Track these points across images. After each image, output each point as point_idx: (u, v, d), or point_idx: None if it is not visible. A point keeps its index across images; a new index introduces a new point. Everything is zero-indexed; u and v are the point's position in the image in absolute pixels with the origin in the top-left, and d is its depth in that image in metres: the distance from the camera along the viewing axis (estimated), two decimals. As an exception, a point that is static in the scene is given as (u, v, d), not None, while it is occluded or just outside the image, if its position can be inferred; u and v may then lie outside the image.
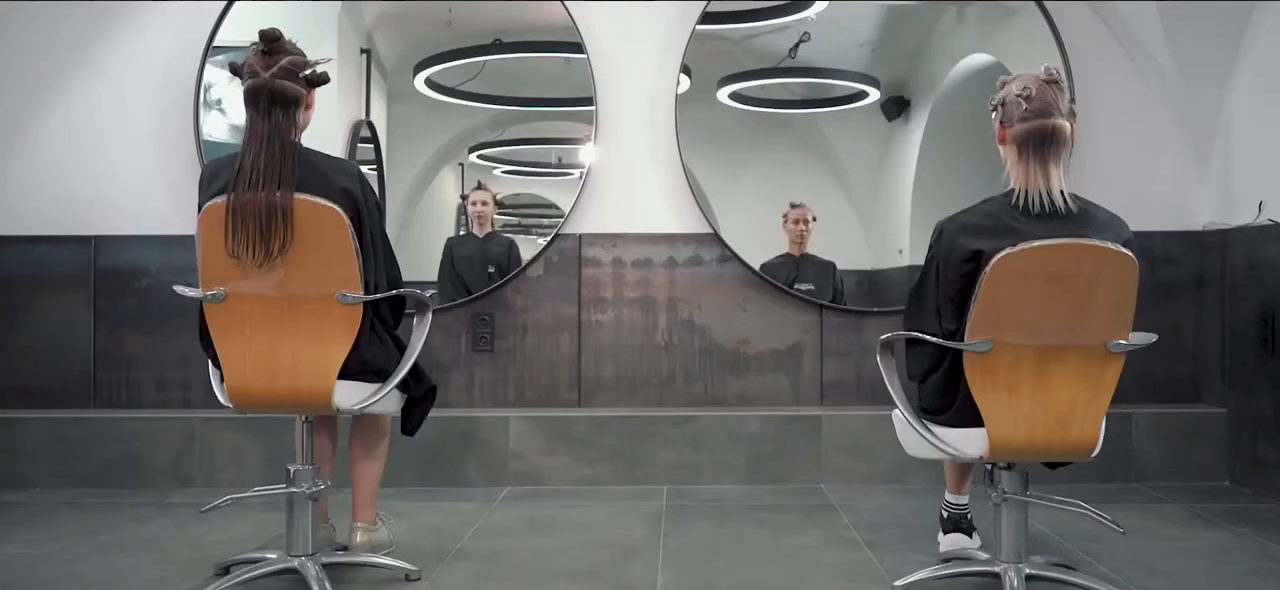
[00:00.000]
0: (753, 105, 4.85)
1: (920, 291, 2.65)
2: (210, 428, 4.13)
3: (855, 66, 4.91)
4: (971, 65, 4.71)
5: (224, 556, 2.95)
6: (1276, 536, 3.31)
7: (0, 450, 4.09)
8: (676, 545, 3.24)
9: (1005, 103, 2.55)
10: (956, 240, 2.50)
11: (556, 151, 5.03)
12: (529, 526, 3.48)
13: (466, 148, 4.88)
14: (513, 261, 4.60)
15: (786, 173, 4.98)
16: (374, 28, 4.87)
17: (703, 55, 4.49)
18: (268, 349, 2.57)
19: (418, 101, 4.78)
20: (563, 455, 4.14)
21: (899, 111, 4.88)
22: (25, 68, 4.36)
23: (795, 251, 4.60)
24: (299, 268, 2.53)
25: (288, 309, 2.56)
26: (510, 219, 5.03)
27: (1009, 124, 2.54)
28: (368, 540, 2.95)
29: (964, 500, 3.03)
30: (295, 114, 2.61)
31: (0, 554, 3.13)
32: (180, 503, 3.87)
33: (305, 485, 2.71)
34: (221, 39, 4.47)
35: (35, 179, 4.35)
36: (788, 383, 4.38)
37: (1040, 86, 2.50)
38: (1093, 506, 2.72)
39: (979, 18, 4.62)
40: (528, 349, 4.39)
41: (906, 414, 2.63)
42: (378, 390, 2.69)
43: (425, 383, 2.92)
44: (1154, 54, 4.23)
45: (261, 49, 2.60)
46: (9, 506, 3.79)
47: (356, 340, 2.60)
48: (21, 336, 4.33)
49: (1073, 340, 2.44)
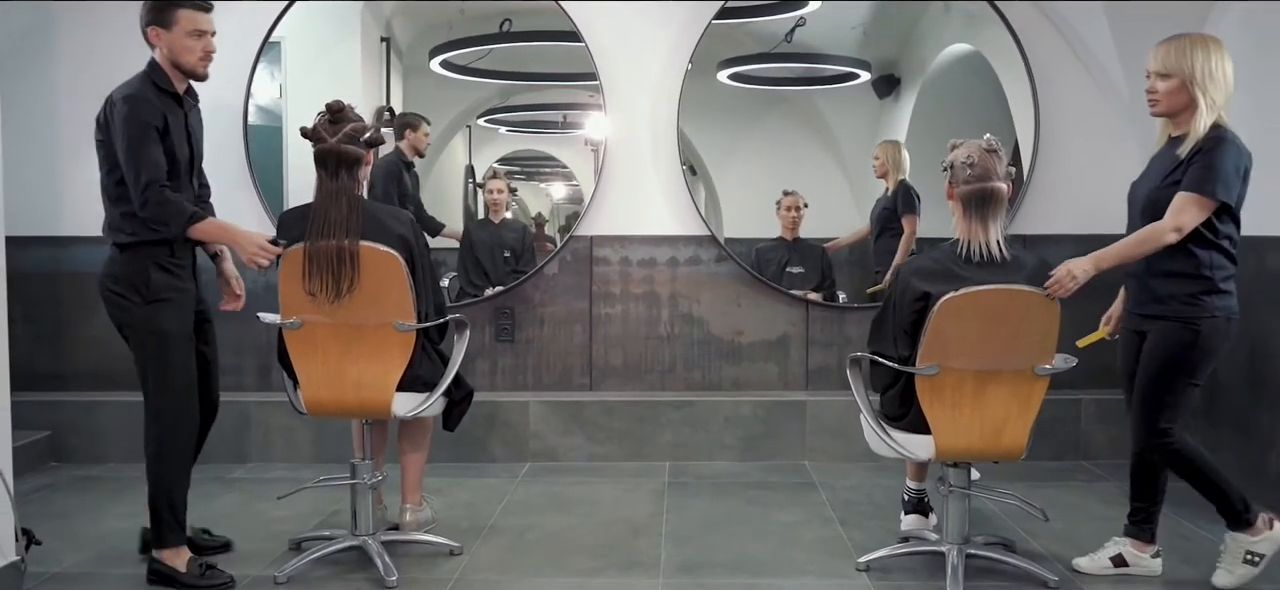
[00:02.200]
0: (751, 84, 5.29)
1: (881, 321, 3.14)
2: (264, 410, 4.66)
3: (848, 48, 5.35)
4: (957, 51, 5.13)
5: (294, 533, 3.50)
6: (1189, 514, 3.84)
7: (80, 429, 4.64)
8: (677, 522, 3.79)
9: (953, 166, 3.03)
10: (910, 282, 3.00)
11: (562, 113, 5.50)
12: (549, 503, 4.02)
13: (475, 114, 5.37)
14: (526, 246, 5.11)
15: (783, 147, 5.46)
16: (392, 16, 5.31)
17: (704, 38, 4.85)
18: (337, 368, 3.10)
19: (431, 78, 5.21)
20: (577, 435, 4.68)
21: (890, 89, 5.33)
22: (94, 77, 4.78)
23: (788, 236, 5.08)
24: (363, 301, 3.04)
25: (354, 335, 3.08)
26: (515, 169, 5.58)
27: (956, 184, 3.02)
28: (415, 519, 3.49)
29: (923, 485, 3.57)
30: (357, 171, 3.10)
31: (102, 528, 3.68)
32: (241, 478, 4.41)
33: (367, 477, 3.24)
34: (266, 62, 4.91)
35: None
36: (777, 370, 4.90)
37: (981, 154, 2.99)
38: (1025, 497, 3.27)
39: (963, 11, 5.00)
40: (545, 339, 4.91)
41: (869, 420, 3.14)
42: (426, 398, 3.21)
43: (464, 387, 3.43)
44: (1110, 74, 4.67)
45: (328, 118, 3.09)
46: (94, 480, 4.34)
47: (410, 360, 3.11)
48: (93, 327, 4.82)
49: (1006, 365, 2.96)
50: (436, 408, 3.33)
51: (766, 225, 5.19)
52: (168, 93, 3.07)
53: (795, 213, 5.09)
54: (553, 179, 5.71)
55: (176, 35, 3.03)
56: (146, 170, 2.96)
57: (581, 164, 5.43)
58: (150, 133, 2.98)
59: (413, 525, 3.47)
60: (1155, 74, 3.01)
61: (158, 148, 2.99)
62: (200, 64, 3.08)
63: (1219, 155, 2.88)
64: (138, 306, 3.09)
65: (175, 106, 3.09)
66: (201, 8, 3.06)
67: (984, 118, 5.05)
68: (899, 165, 5.02)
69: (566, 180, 5.64)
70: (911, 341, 3.00)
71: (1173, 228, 2.90)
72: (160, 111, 3.01)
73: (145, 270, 3.08)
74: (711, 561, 3.35)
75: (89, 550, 3.44)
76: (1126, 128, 4.72)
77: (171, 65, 3.08)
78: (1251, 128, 4.20)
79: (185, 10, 3.02)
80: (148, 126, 2.98)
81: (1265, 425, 3.94)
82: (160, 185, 2.98)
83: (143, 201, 2.98)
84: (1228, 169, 2.88)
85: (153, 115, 2.99)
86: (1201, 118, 2.92)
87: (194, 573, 3.10)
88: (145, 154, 2.97)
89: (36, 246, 4.74)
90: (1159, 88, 3.00)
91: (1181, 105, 2.98)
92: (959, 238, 3.03)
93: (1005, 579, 3.18)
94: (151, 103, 3.00)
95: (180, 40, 3.03)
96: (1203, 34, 3.05)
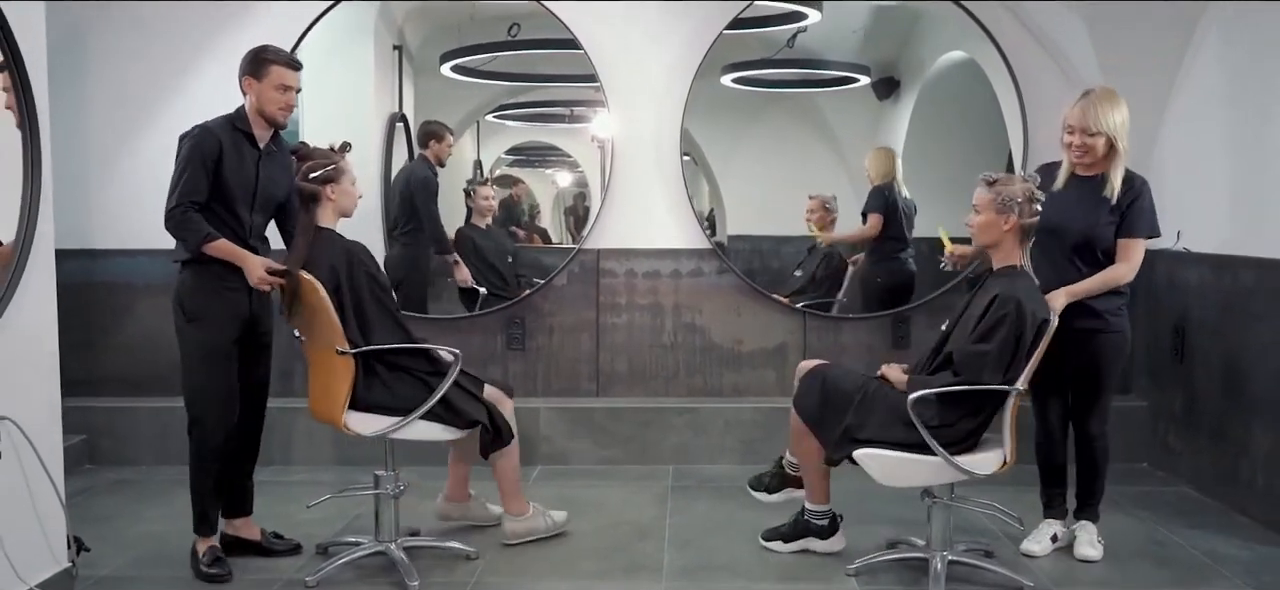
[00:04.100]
0: (754, 86, 5.50)
1: (995, 353, 3.16)
2: (285, 415, 4.87)
3: (849, 51, 5.54)
4: (954, 58, 5.31)
5: (321, 537, 3.73)
6: (1168, 520, 4.07)
7: (111, 432, 4.88)
8: (680, 525, 4.02)
9: (1014, 200, 3.25)
10: (1035, 312, 3.19)
11: (569, 108, 5.71)
12: (559, 505, 4.21)
13: (484, 112, 5.62)
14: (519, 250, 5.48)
15: (785, 146, 5.66)
16: (404, 22, 5.50)
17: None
18: (315, 381, 3.46)
19: (440, 81, 5.43)
20: (584, 439, 4.91)
21: (889, 92, 5.53)
22: (123, 93, 5.02)
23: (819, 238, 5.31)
24: (309, 326, 3.39)
25: (318, 355, 3.41)
26: (520, 159, 5.88)
27: (1022, 217, 3.27)
28: (512, 527, 3.74)
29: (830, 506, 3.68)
30: (314, 206, 3.40)
31: (139, 531, 3.93)
32: (266, 480, 4.56)
33: (389, 487, 3.48)
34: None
35: (132, 195, 4.99)
36: (775, 376, 5.12)
37: (1034, 191, 3.28)
38: (1009, 502, 3.52)
39: (959, 18, 5.08)
40: (554, 347, 5.13)
41: (946, 456, 3.18)
42: (398, 423, 3.37)
43: (495, 423, 3.54)
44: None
45: (297, 161, 3.44)
46: (128, 483, 4.59)
47: (358, 383, 3.34)
48: (122, 335, 5.08)
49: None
50: (417, 433, 3.43)
51: (768, 223, 5.41)
52: (243, 132, 3.42)
53: (819, 214, 5.29)
54: (559, 168, 5.95)
55: (266, 87, 3.39)
56: (180, 192, 3.30)
57: (588, 156, 5.66)
58: (197, 161, 3.31)
59: (510, 534, 3.74)
60: (1083, 131, 3.41)
61: (201, 176, 3.30)
62: (280, 114, 3.44)
63: (1147, 199, 3.49)
64: (181, 320, 3.43)
65: (248, 145, 3.43)
66: (291, 66, 3.44)
67: (980, 124, 5.26)
68: (884, 174, 5.20)
69: (572, 169, 5.90)
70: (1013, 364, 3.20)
71: (1132, 270, 3.48)
72: (219, 144, 3.34)
73: (189, 288, 3.41)
74: (710, 566, 3.59)
75: (130, 553, 3.68)
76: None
77: (256, 112, 3.43)
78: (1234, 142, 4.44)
79: (277, 67, 3.40)
80: (197, 155, 3.31)
81: (1238, 433, 4.15)
82: (185, 207, 3.30)
83: (168, 217, 3.33)
84: (1152, 208, 3.52)
85: (209, 146, 3.32)
86: (1121, 164, 3.45)
87: (205, 560, 3.45)
88: (185, 179, 3.30)
89: (67, 259, 4.93)
90: (1089, 144, 3.43)
91: (1103, 154, 3.46)
92: (1018, 264, 3.30)
93: (985, 585, 3.41)
94: (213, 135, 3.35)
95: (268, 91, 3.39)
96: (1110, 89, 3.50)
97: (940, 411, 3.20)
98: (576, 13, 4.95)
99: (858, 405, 3.33)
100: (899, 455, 3.24)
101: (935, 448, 3.16)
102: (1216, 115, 4.43)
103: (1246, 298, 4.11)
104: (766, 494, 3.79)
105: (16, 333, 3.08)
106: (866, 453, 3.27)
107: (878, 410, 3.30)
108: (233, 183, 3.37)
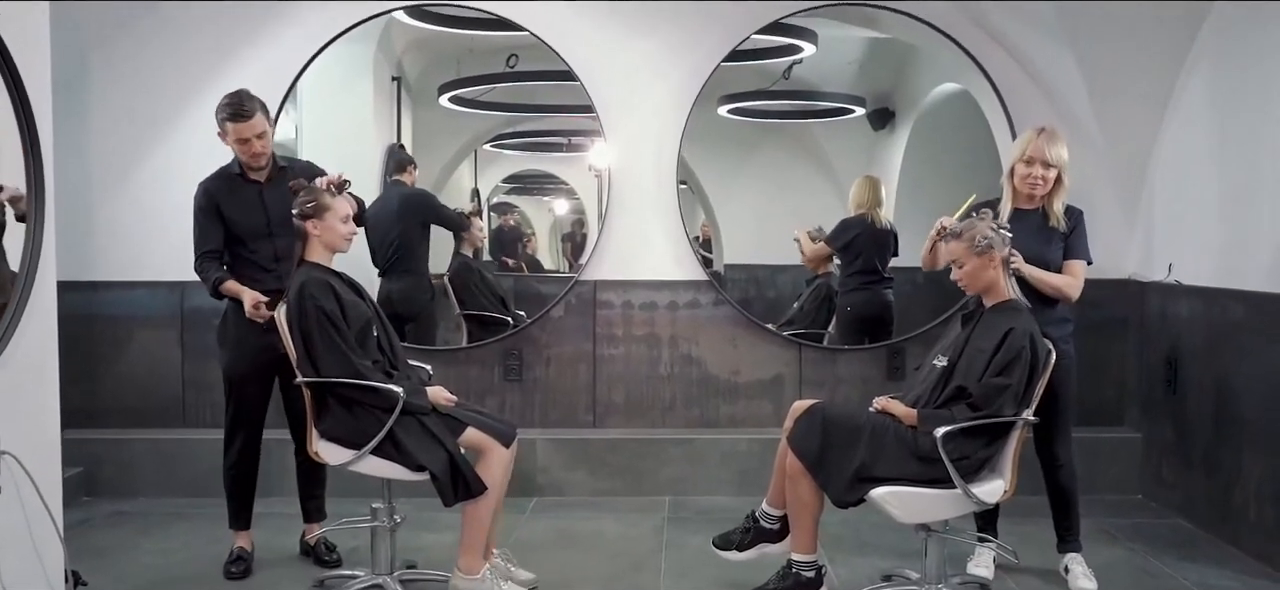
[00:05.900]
0: (750, 118, 5.60)
1: (1014, 386, 3.24)
2: (280, 448, 4.87)
3: (844, 83, 5.61)
4: (948, 90, 5.38)
5: (316, 572, 3.74)
6: (1160, 553, 4.09)
7: (111, 462, 4.89)
8: (676, 558, 4.03)
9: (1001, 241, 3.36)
10: (1042, 343, 3.31)
11: (567, 137, 5.80)
12: (557, 538, 4.26)
13: (482, 141, 5.75)
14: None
15: (781, 176, 5.72)
16: (403, 54, 5.56)
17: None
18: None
19: (439, 112, 5.52)
20: (581, 470, 4.93)
21: (884, 122, 5.59)
22: (123, 126, 5.05)
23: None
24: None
25: None
26: (518, 187, 6.01)
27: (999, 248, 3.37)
28: (455, 584, 3.44)
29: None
30: (304, 244, 3.46)
31: (139, 563, 3.94)
32: (261, 512, 4.61)
33: (384, 520, 3.49)
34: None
35: (131, 231, 5.06)
36: (771, 408, 5.14)
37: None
38: (1005, 529, 3.54)
39: (953, 52, 5.11)
40: (551, 378, 5.16)
41: (967, 489, 3.23)
42: (354, 455, 3.36)
43: (447, 468, 3.31)
44: (1087, 129, 4.92)
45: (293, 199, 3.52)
46: (126, 515, 4.59)
47: (321, 413, 3.40)
48: (123, 366, 5.10)
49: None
50: (372, 469, 3.39)
51: (764, 252, 5.45)
52: (236, 175, 3.80)
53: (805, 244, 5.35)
54: (557, 196, 6.00)
55: (230, 141, 3.75)
56: (196, 245, 3.81)
57: (585, 185, 5.78)
58: (199, 215, 3.80)
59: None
60: (1043, 164, 3.59)
61: (209, 227, 3.78)
62: (251, 160, 3.77)
63: (1083, 225, 3.73)
64: (218, 349, 3.94)
65: (241, 185, 3.80)
66: (241, 119, 3.68)
67: (974, 155, 5.30)
68: (859, 203, 5.24)
69: (569, 197, 6.00)
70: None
71: (1078, 288, 3.67)
72: (213, 197, 3.78)
73: (222, 319, 3.88)
74: (707, 598, 3.61)
75: (127, 585, 3.69)
76: (1105, 189, 4.96)
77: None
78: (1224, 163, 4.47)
79: (230, 124, 3.70)
80: (200, 210, 3.79)
81: (1229, 463, 4.18)
82: (201, 257, 3.80)
83: (194, 266, 3.83)
84: (1086, 235, 3.75)
85: (205, 200, 3.79)
86: (1064, 195, 3.67)
87: (227, 557, 3.86)
88: (197, 232, 3.81)
89: (67, 291, 4.96)
90: (1048, 177, 3.63)
91: (1051, 187, 3.66)
92: (1011, 297, 3.40)
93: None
94: (207, 190, 3.80)
95: (233, 143, 3.75)
96: (1055, 127, 3.75)
97: (960, 444, 3.23)
98: (574, 44, 5.01)
99: (867, 444, 3.30)
100: (917, 491, 3.25)
101: (959, 482, 3.19)
102: (1205, 149, 4.48)
103: (1237, 331, 4.15)
104: (737, 553, 3.59)
105: (18, 366, 3.10)
106: (885, 491, 3.25)
107: (888, 447, 3.29)
108: (239, 222, 3.77)
